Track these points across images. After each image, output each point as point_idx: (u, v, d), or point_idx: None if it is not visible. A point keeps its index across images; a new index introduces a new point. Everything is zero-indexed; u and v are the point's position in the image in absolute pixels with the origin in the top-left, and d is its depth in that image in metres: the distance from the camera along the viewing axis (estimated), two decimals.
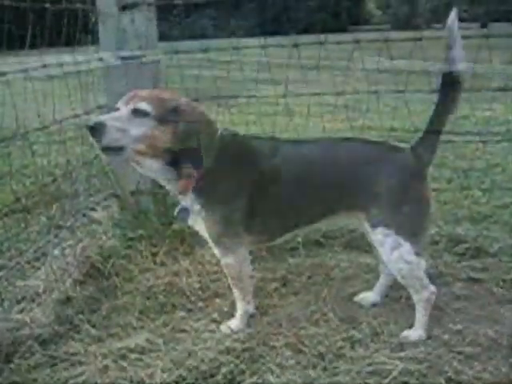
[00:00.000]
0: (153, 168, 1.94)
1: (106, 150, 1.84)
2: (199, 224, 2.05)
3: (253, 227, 2.04)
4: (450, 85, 1.96)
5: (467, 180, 3.59)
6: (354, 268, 2.54)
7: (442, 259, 2.56)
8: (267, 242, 2.19)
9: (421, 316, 2.03)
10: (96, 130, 1.80)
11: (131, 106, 1.87)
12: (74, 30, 2.44)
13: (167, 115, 1.89)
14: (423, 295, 2.01)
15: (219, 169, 1.97)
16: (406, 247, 1.94)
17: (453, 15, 1.93)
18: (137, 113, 1.86)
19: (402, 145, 2.12)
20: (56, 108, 2.30)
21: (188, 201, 2.01)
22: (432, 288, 2.02)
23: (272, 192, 2.01)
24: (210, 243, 2.07)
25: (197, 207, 2.00)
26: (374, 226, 1.97)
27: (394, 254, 1.95)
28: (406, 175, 1.97)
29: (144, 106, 1.87)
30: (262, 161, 2.02)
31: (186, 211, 2.03)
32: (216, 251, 2.07)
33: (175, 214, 2.05)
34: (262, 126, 3.11)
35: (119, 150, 1.84)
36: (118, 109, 1.90)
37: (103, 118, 1.84)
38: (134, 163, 1.94)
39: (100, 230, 2.88)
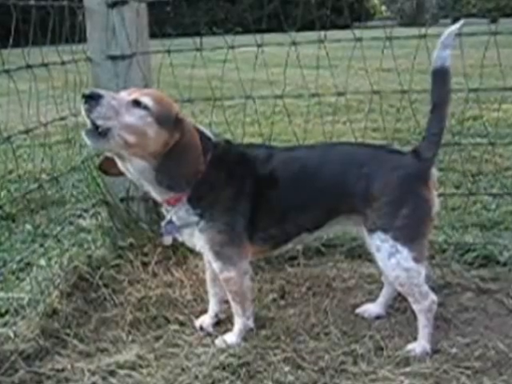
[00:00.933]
0: (138, 169, 1.92)
1: (91, 133, 1.80)
2: (196, 237, 2.04)
3: (256, 235, 2.05)
4: (443, 78, 1.98)
5: (476, 184, 3.59)
6: (357, 278, 2.54)
7: (449, 268, 2.56)
8: (270, 252, 2.20)
9: (423, 327, 2.03)
10: (91, 98, 1.77)
11: (133, 96, 1.88)
12: (61, 28, 2.44)
13: (167, 120, 1.89)
14: (424, 304, 2.01)
15: (216, 176, 1.98)
16: (404, 253, 1.95)
17: (459, 24, 1.97)
18: (137, 104, 1.86)
19: (407, 147, 2.13)
20: (41, 110, 2.31)
21: (181, 212, 2.00)
22: (433, 296, 2.02)
23: (271, 197, 2.03)
24: (211, 257, 2.06)
25: (194, 218, 2.00)
26: (370, 230, 1.99)
27: (391, 260, 1.96)
28: (404, 178, 1.98)
29: (147, 100, 1.87)
30: (259, 166, 2.05)
31: (172, 225, 2.03)
32: (216, 265, 2.06)
33: (162, 228, 2.05)
34: (260, 127, 3.12)
35: (105, 132, 1.80)
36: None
37: (102, 91, 1.83)
38: (118, 158, 1.92)
39: (88, 239, 2.88)
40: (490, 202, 3.35)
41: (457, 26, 1.96)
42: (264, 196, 2.02)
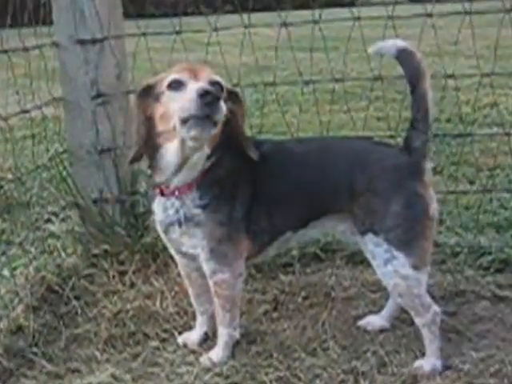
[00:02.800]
0: (202, 155, 1.97)
1: (208, 124, 1.84)
2: (190, 235, 2.04)
3: (250, 228, 2.08)
4: (403, 59, 2.02)
5: (492, 180, 3.60)
6: (359, 287, 2.55)
7: (462, 274, 2.57)
8: (255, 256, 2.21)
9: (430, 343, 2.03)
10: (215, 98, 1.81)
11: (207, 79, 1.91)
12: (23, 9, 2.43)
13: (226, 98, 1.95)
14: (426, 317, 2.02)
15: (223, 162, 2.03)
16: (401, 259, 1.95)
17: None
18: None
19: None
20: (1, 101, 2.30)
21: (188, 201, 2.01)
22: (435, 308, 2.03)
23: (263, 186, 2.09)
24: (204, 255, 2.06)
25: (196, 211, 2.01)
26: (361, 233, 2.01)
27: (388, 267, 1.97)
28: (390, 170, 2.00)
29: (221, 80, 1.96)
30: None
31: (182, 216, 2.04)
32: (209, 266, 2.07)
33: (180, 218, 2.03)
34: (252, 118, 3.12)
35: (215, 124, 1.86)
36: (179, 82, 1.89)
37: (206, 86, 1.83)
38: (195, 147, 1.93)
39: (57, 246, 2.87)
40: (508, 199, 3.35)
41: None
42: (257, 184, 2.08)
